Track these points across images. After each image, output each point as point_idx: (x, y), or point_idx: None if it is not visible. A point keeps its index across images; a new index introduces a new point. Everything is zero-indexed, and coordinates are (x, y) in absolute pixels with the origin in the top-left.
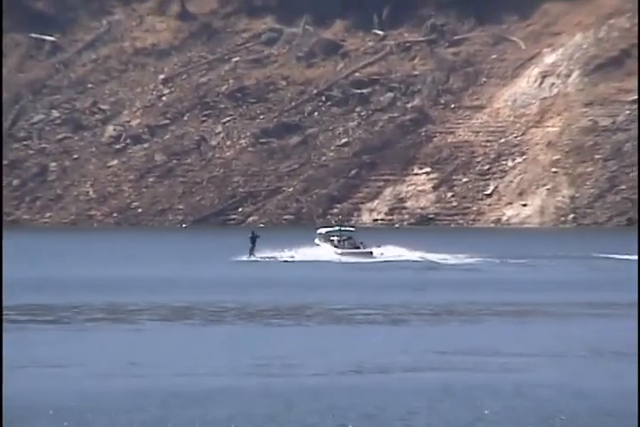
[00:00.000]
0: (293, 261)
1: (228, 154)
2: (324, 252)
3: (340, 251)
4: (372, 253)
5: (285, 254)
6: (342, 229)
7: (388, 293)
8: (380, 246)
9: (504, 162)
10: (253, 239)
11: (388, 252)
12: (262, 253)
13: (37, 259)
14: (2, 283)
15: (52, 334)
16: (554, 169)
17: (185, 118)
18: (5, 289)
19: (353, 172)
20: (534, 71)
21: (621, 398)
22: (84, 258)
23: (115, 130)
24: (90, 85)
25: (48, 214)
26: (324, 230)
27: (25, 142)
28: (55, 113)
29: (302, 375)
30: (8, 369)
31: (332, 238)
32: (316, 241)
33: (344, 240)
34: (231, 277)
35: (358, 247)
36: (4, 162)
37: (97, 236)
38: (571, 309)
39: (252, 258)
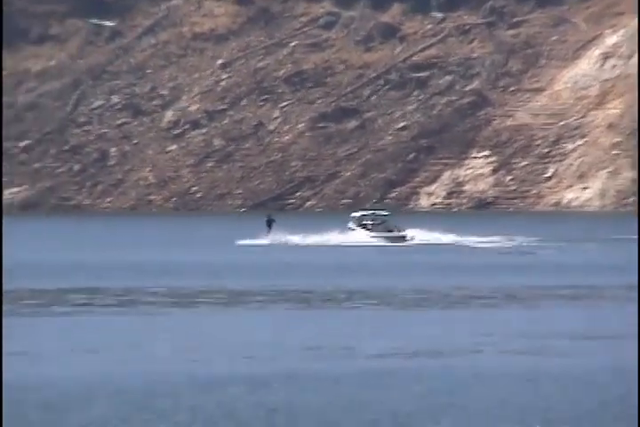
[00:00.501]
0: (304, 246)
1: (286, 138)
2: (345, 237)
3: (373, 234)
4: (405, 236)
5: (294, 239)
6: (376, 213)
7: (434, 276)
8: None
9: (564, 145)
10: (269, 223)
11: (420, 235)
12: (276, 237)
13: (95, 243)
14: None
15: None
16: (615, 151)
17: (243, 103)
18: (66, 273)
19: (411, 156)
20: (595, 53)
21: None
22: (146, 242)
23: (174, 115)
24: (149, 71)
25: (108, 199)
26: (357, 214)
27: (85, 128)
28: (115, 98)
29: (366, 358)
30: (75, 352)
31: (365, 222)
32: (350, 225)
33: (378, 224)
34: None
35: (392, 231)
36: (65, 147)
37: (156, 220)
38: (623, 292)
39: (266, 241)
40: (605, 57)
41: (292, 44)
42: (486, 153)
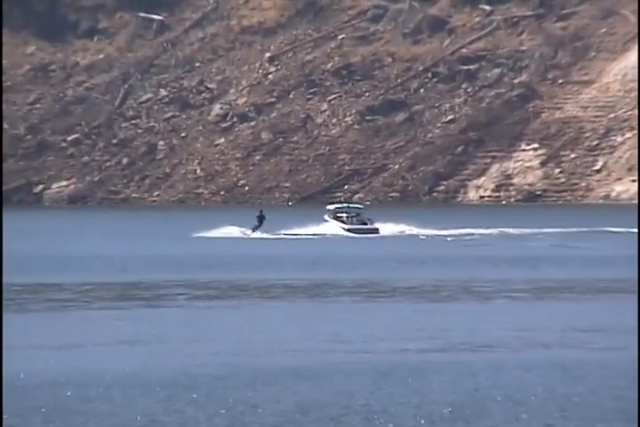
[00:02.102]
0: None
1: (334, 132)
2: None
3: (347, 227)
4: (377, 229)
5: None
6: (350, 205)
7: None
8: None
9: (613, 137)
10: (260, 219)
11: (391, 229)
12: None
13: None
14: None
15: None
16: None
17: (291, 96)
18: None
19: (459, 148)
20: None
21: None
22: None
23: (222, 108)
24: (197, 64)
25: (156, 193)
26: (332, 207)
27: (133, 121)
28: (163, 92)
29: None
30: (105, 345)
31: (339, 215)
32: (326, 217)
33: (352, 217)
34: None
35: (365, 224)
36: (113, 141)
37: (204, 213)
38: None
39: (253, 235)
40: None
41: (340, 37)
42: (535, 146)
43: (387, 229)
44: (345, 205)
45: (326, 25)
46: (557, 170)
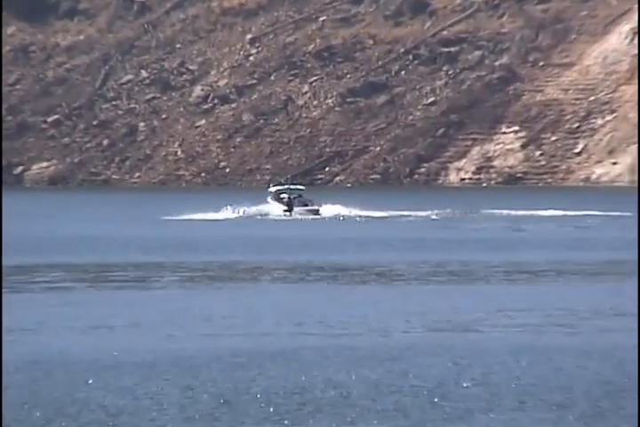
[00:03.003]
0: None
1: (315, 114)
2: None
3: (288, 208)
4: (318, 210)
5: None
6: (291, 187)
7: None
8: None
9: (594, 120)
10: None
11: (331, 210)
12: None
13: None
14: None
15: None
16: None
17: (272, 78)
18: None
19: (440, 131)
20: (625, 27)
21: None
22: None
23: (202, 90)
24: (178, 46)
25: (137, 174)
26: (274, 189)
27: (114, 103)
28: (144, 73)
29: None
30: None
31: (281, 197)
32: (268, 199)
33: (294, 198)
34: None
35: (307, 205)
36: (94, 122)
37: (185, 195)
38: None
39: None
40: (635, 32)
41: (321, 18)
42: (516, 128)
43: (326, 210)
44: (286, 186)
45: (307, 7)
46: (538, 152)
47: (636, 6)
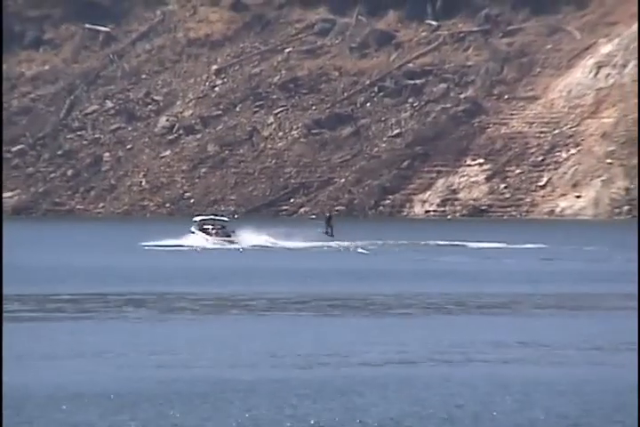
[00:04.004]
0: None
1: (280, 145)
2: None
3: (211, 238)
4: (240, 241)
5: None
6: (215, 218)
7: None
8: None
9: (558, 153)
10: (328, 219)
11: (252, 240)
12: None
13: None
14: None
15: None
16: (608, 160)
17: (237, 109)
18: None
19: (405, 163)
20: (590, 62)
21: None
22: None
23: (168, 120)
24: (143, 76)
25: (101, 204)
26: (198, 219)
27: (79, 133)
28: (109, 103)
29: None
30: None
31: (205, 227)
32: (192, 229)
33: (218, 229)
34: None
35: (229, 236)
36: (59, 152)
37: (150, 226)
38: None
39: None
40: (599, 66)
41: (287, 50)
42: (480, 161)
43: (248, 240)
44: (210, 217)
45: (273, 38)
46: (502, 185)
47: (601, 40)
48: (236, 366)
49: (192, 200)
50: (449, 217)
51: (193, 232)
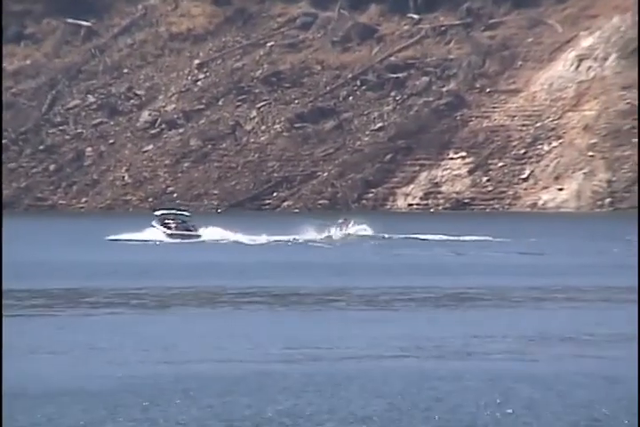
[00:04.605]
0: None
1: (263, 139)
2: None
3: (169, 232)
4: (200, 235)
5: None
6: (177, 212)
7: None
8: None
9: (540, 146)
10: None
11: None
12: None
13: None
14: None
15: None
16: (590, 153)
17: (220, 103)
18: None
19: (388, 156)
20: (571, 55)
21: None
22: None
23: (150, 115)
24: (125, 70)
25: (84, 199)
26: (159, 213)
27: (61, 127)
28: (91, 98)
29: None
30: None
31: (166, 221)
32: (154, 223)
33: (178, 223)
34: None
35: (190, 230)
36: (41, 147)
37: (132, 220)
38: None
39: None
40: (581, 59)
41: (269, 44)
42: (463, 154)
43: (210, 234)
44: (172, 211)
45: (255, 32)
46: (485, 178)
47: (582, 33)
48: (216, 361)
49: (175, 195)
50: (432, 210)
51: (154, 226)
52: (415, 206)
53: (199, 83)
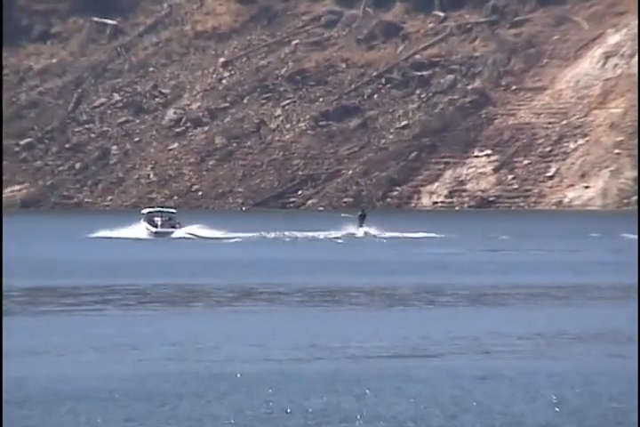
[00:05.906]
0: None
1: (288, 137)
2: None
3: (154, 230)
4: (186, 232)
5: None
6: (163, 210)
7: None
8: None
9: (566, 144)
10: (362, 216)
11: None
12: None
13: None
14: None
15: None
16: (616, 151)
17: (245, 101)
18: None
19: (413, 154)
20: (597, 52)
21: None
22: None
23: (175, 113)
24: (151, 69)
25: (109, 197)
26: (146, 211)
27: (87, 126)
28: (116, 96)
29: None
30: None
31: (153, 219)
32: (142, 221)
33: (164, 220)
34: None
35: (175, 227)
36: (67, 145)
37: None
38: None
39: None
40: (607, 56)
41: (294, 42)
42: (488, 152)
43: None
44: (158, 209)
45: (280, 30)
46: (510, 176)
47: (608, 31)
48: (228, 360)
49: (200, 193)
50: (457, 208)
51: (141, 223)
52: (440, 204)
53: (224, 81)
